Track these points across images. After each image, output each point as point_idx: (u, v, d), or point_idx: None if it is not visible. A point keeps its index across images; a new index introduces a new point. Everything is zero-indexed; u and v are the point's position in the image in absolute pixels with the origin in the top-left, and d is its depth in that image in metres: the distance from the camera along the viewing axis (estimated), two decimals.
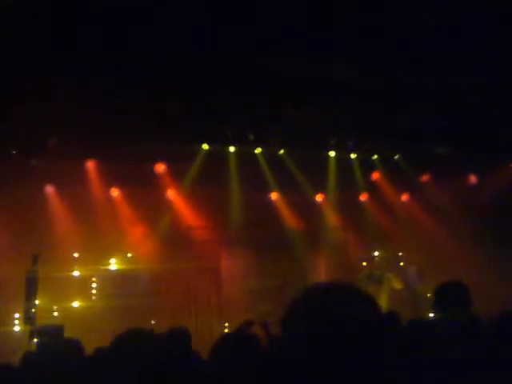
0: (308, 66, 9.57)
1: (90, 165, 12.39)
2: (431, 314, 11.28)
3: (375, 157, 14.25)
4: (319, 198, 14.40)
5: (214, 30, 8.62)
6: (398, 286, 12.83)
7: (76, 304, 12.28)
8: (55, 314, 11.90)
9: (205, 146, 12.78)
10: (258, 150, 13.32)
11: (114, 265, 12.90)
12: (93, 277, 12.72)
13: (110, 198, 12.75)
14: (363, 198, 14.65)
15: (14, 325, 11.10)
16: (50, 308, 11.81)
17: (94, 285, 12.73)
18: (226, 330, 12.28)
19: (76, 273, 12.42)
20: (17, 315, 11.31)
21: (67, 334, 9.14)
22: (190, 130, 11.68)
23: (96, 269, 12.64)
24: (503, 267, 11.61)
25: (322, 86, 10.18)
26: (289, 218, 14.00)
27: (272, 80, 9.98)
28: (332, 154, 13.78)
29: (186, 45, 8.93)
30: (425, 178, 14.38)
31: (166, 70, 9.60)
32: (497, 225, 12.13)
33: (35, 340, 9.58)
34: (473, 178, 14.03)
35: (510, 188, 12.70)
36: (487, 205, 12.50)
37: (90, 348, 5.15)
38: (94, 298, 12.62)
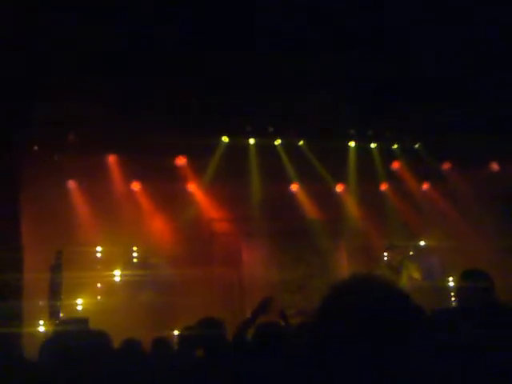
0: (324, 54, 9.56)
1: (111, 159, 12.49)
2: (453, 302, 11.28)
3: (395, 146, 14.18)
4: (339, 188, 14.36)
5: (229, 26, 8.64)
6: (416, 275, 12.76)
7: (98, 301, 12.35)
8: (79, 308, 12.00)
9: (225, 139, 12.83)
10: (277, 142, 13.33)
11: (135, 259, 12.97)
12: (115, 270, 12.79)
13: (131, 192, 12.82)
14: (384, 187, 14.57)
15: (39, 325, 11.12)
16: (73, 303, 11.91)
17: (116, 278, 12.80)
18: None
19: (99, 267, 12.48)
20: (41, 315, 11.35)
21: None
22: (209, 123, 11.73)
23: (118, 257, 12.69)
24: None
25: (340, 74, 10.17)
26: (309, 209, 13.97)
27: (289, 71, 9.99)
28: (352, 143, 13.76)
29: (204, 41, 8.97)
30: (446, 166, 14.29)
31: (186, 66, 9.64)
32: None
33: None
34: (495, 166, 13.91)
35: None
36: (510, 193, 12.39)
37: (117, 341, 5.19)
38: (116, 291, 12.67)
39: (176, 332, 9.70)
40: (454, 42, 9.34)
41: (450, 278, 13.56)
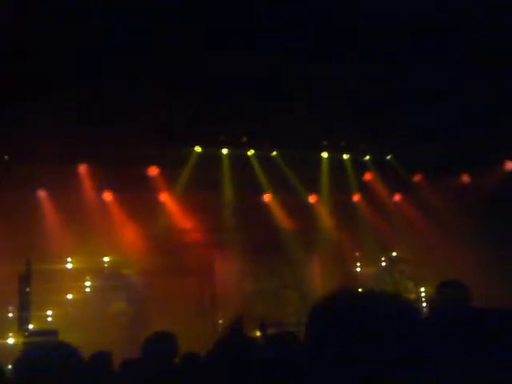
0: (299, 66, 9.58)
1: (83, 169, 12.36)
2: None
3: (367, 157, 14.26)
4: (312, 199, 14.40)
5: (206, 31, 8.62)
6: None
7: (70, 307, 12.22)
8: (49, 319, 11.85)
9: (197, 149, 12.78)
10: (250, 152, 13.32)
11: (106, 269, 12.85)
12: (86, 281, 12.65)
13: (102, 202, 12.70)
14: (356, 198, 14.65)
15: (8, 337, 10.93)
16: (43, 314, 11.75)
17: (87, 289, 12.66)
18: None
19: (69, 277, 12.35)
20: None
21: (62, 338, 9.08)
22: (182, 133, 11.68)
23: (89, 268, 12.58)
24: (497, 266, 11.63)
25: (314, 86, 10.19)
26: (282, 220, 13.99)
27: (263, 81, 9.99)
28: (325, 154, 13.80)
29: (176, 47, 8.92)
30: (417, 178, 14.41)
31: (158, 74, 9.59)
32: (490, 224, 12.15)
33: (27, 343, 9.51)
34: (465, 178, 14.05)
35: (503, 187, 12.72)
36: (480, 204, 12.51)
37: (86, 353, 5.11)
38: (87, 302, 12.53)
39: None
40: (426, 55, 9.42)
41: (422, 289, 13.66)
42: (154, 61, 9.32)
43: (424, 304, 13.31)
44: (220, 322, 13.07)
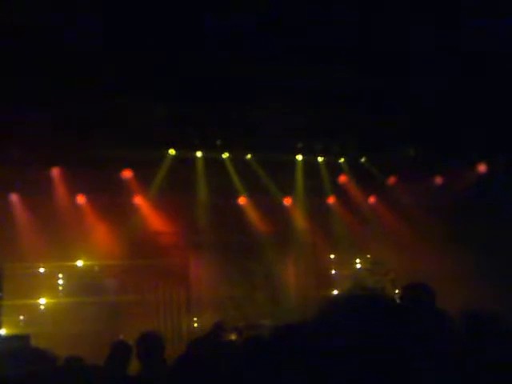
0: (273, 69, 9.59)
1: (55, 172, 12.24)
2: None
3: (342, 160, 14.31)
4: (287, 201, 14.41)
5: (181, 31, 8.59)
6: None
7: (42, 309, 12.11)
8: (21, 324, 11.72)
9: (172, 152, 12.73)
10: (225, 155, 13.30)
11: (80, 273, 12.75)
12: (59, 285, 12.54)
13: (76, 206, 12.59)
14: (331, 201, 14.69)
15: None
16: (15, 319, 11.63)
17: (60, 293, 12.55)
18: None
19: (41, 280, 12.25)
20: None
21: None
22: (156, 136, 11.63)
23: (61, 268, 12.47)
24: (470, 268, 11.73)
25: (288, 89, 10.20)
26: (257, 223, 13.99)
27: (238, 84, 9.98)
28: (299, 157, 13.83)
29: (151, 47, 8.88)
30: (391, 180, 14.49)
31: (131, 76, 9.53)
32: (462, 226, 12.26)
33: None
34: (438, 180, 14.16)
35: (475, 189, 12.84)
36: (453, 206, 12.63)
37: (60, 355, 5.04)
38: (59, 304, 12.41)
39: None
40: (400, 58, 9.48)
41: (396, 291, 13.72)
42: (127, 63, 9.27)
43: None
44: (195, 325, 13.04)
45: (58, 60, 8.90)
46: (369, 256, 14.75)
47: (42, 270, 12.27)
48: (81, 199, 12.66)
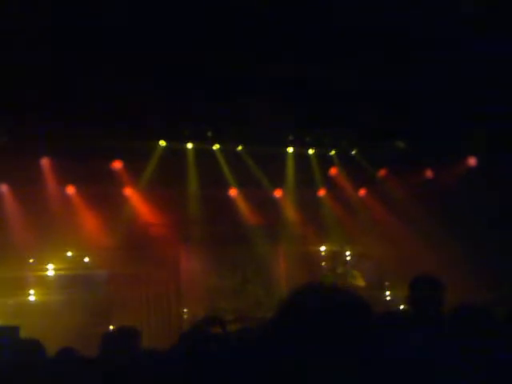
0: (264, 62, 9.58)
1: (45, 162, 12.18)
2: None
3: (333, 152, 14.31)
4: (278, 193, 14.40)
5: (170, 30, 8.56)
6: (361, 283, 12.99)
7: (32, 301, 12.09)
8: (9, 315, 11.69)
9: (162, 143, 12.69)
10: (216, 147, 13.27)
11: (70, 264, 12.72)
12: (48, 276, 12.50)
13: (66, 196, 12.54)
14: (321, 193, 14.70)
15: None
16: (4, 309, 11.60)
17: (49, 283, 12.52)
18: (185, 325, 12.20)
19: (31, 271, 12.22)
20: None
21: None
22: (147, 127, 11.60)
23: (51, 259, 12.44)
24: (460, 261, 11.77)
25: (279, 81, 10.19)
26: (247, 215, 13.98)
27: (229, 76, 9.96)
28: (290, 149, 13.82)
29: (141, 43, 8.85)
30: (382, 172, 14.52)
31: (123, 68, 9.49)
32: (453, 219, 12.30)
33: None
34: (429, 173, 14.19)
35: (464, 182, 12.88)
36: (443, 199, 12.67)
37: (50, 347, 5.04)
38: (49, 296, 12.39)
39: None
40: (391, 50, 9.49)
41: (386, 283, 13.77)
42: (118, 54, 9.23)
43: (388, 298, 13.46)
44: (185, 317, 13.03)
45: (47, 51, 8.85)
46: (359, 248, 14.76)
47: (31, 260, 12.21)
48: (71, 190, 12.59)
